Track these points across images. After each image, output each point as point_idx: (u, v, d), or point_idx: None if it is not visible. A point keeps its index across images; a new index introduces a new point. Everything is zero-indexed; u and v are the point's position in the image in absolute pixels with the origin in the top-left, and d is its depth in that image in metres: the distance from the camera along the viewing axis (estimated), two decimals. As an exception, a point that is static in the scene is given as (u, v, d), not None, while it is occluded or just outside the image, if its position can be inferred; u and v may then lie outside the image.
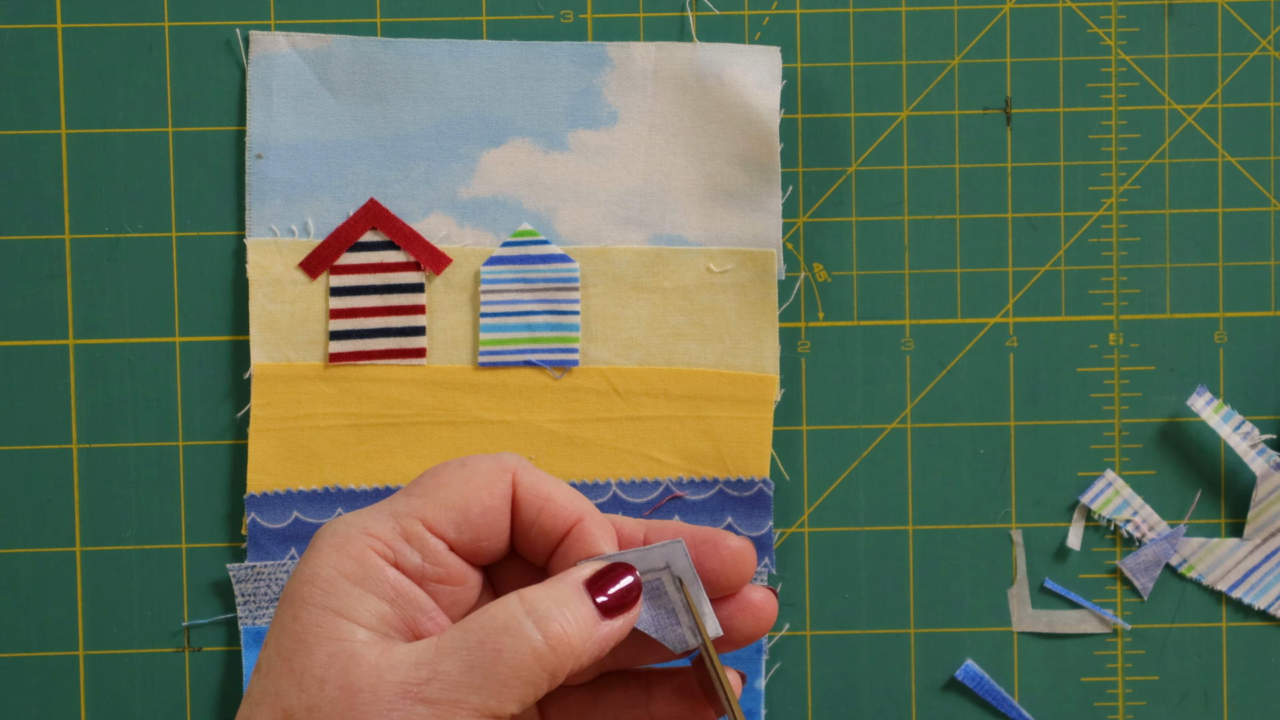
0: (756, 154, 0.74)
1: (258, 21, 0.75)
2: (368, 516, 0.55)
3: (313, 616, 0.53)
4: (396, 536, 0.54)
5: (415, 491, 0.56)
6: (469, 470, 0.56)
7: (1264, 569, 0.75)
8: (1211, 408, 0.74)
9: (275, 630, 0.53)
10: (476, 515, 0.56)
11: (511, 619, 0.52)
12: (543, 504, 0.56)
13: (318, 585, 0.53)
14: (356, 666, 0.52)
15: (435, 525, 0.55)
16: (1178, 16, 0.75)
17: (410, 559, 0.55)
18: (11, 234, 0.75)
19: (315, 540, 0.55)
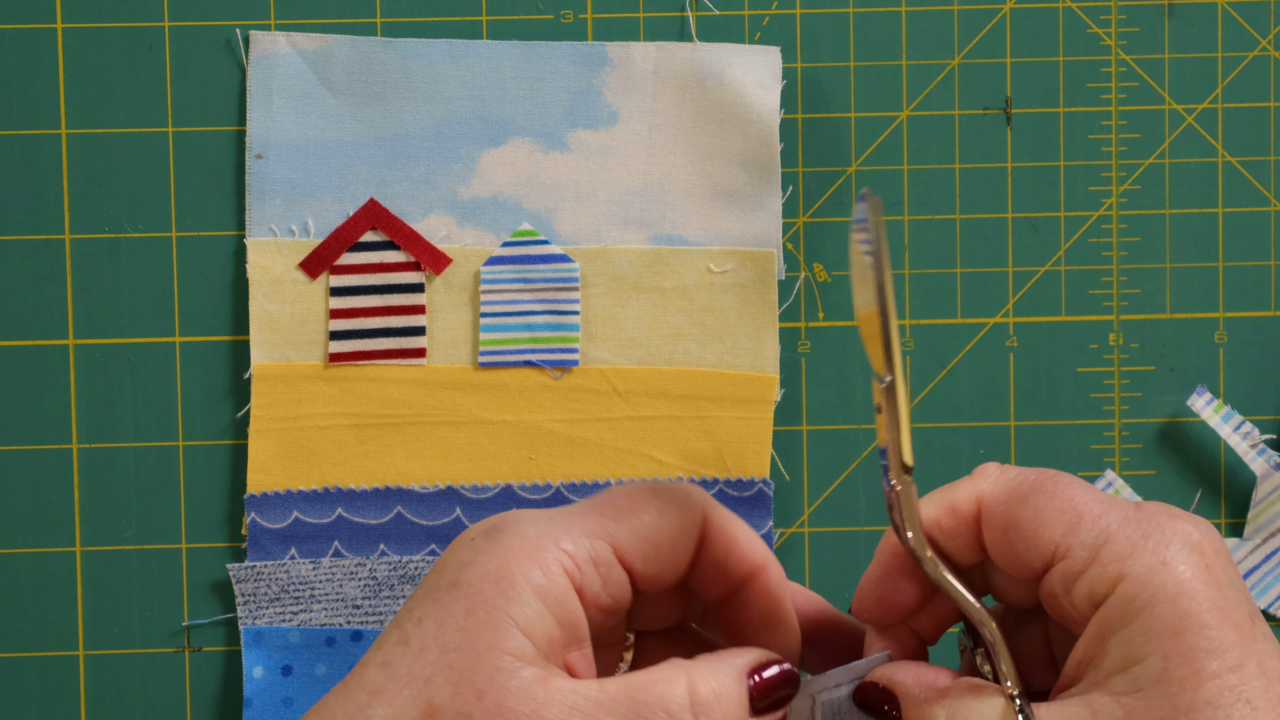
0: (756, 154, 0.74)
1: (258, 21, 0.75)
2: (559, 527, 0.52)
3: (491, 619, 0.50)
4: (587, 559, 0.51)
5: (608, 513, 0.52)
6: (664, 501, 0.53)
7: (1264, 569, 0.75)
8: (1211, 408, 0.74)
9: (437, 612, 0.50)
10: (666, 550, 0.53)
11: (675, 704, 0.50)
12: (730, 546, 0.54)
13: (504, 589, 0.50)
14: (518, 691, 0.49)
15: (625, 554, 0.52)
16: (1178, 16, 0.75)
17: (592, 585, 0.52)
18: (11, 234, 0.75)
19: (499, 534, 0.51)
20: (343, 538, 0.74)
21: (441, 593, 0.51)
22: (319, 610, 0.74)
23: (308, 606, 0.74)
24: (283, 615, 0.74)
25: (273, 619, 0.74)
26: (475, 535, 0.52)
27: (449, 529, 0.74)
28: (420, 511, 0.74)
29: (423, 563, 0.74)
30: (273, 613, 0.74)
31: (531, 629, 0.50)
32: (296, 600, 0.74)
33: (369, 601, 0.74)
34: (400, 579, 0.74)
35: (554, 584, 0.51)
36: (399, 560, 0.74)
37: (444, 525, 0.74)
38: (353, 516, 0.74)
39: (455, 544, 0.52)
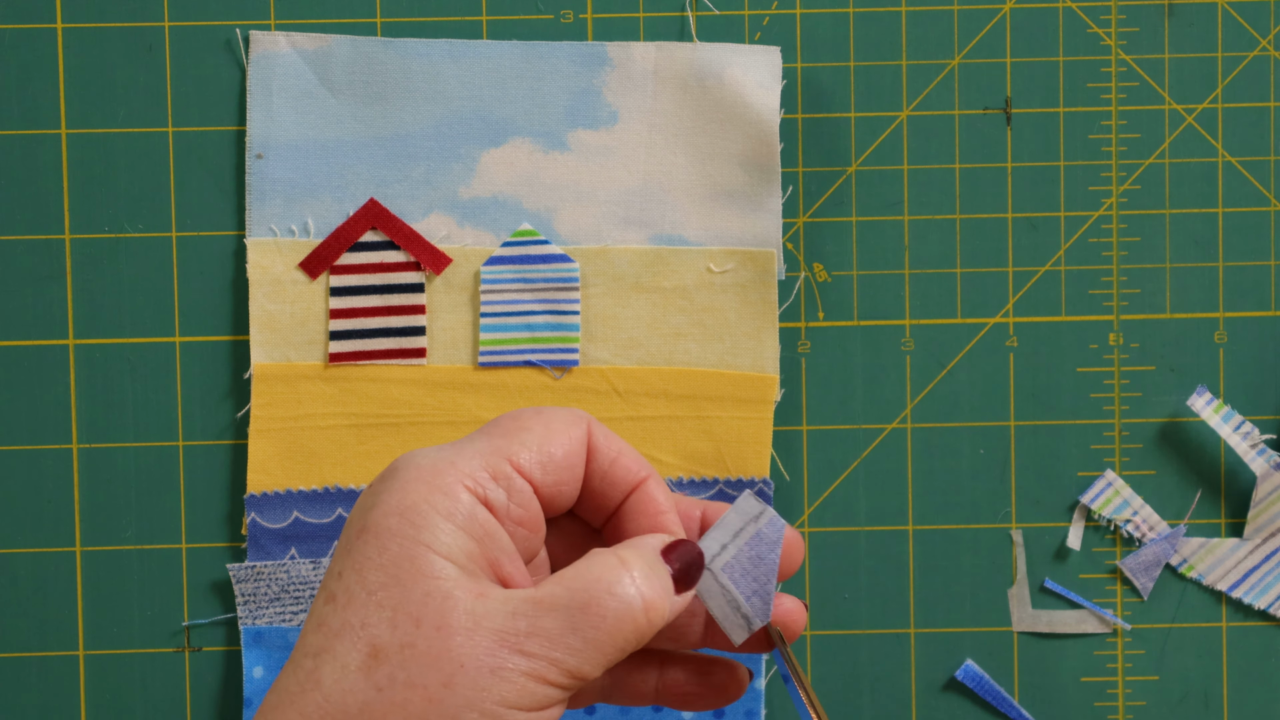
0: (756, 154, 0.74)
1: (258, 21, 0.75)
2: (453, 451, 0.53)
3: (404, 549, 0.51)
4: (485, 475, 0.53)
5: (496, 432, 0.54)
6: (548, 416, 0.55)
7: (1264, 569, 0.75)
8: (1211, 408, 0.74)
9: (354, 560, 0.51)
10: (560, 459, 0.54)
11: (615, 581, 0.51)
12: (615, 457, 0.56)
13: (408, 518, 0.51)
14: (454, 608, 0.50)
15: (522, 466, 0.53)
16: (1178, 16, 0.75)
17: (497, 498, 0.53)
18: (11, 234, 0.75)
19: (395, 472, 0.52)
20: (343, 538, 0.74)
21: (353, 541, 0.52)
22: (319, 610, 0.74)
23: (308, 606, 0.74)
24: (283, 615, 0.74)
25: (273, 619, 0.74)
26: (375, 482, 0.53)
27: (449, 529, 0.74)
28: (420, 511, 0.74)
29: (423, 563, 0.74)
30: (273, 613, 0.74)
31: (449, 550, 0.51)
32: (296, 600, 0.74)
33: (369, 601, 0.74)
34: (400, 579, 0.74)
35: (458, 504, 0.52)
36: (399, 560, 0.74)
37: (444, 525, 0.74)
38: (353, 516, 0.74)
39: (360, 497, 0.53)
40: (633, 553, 0.53)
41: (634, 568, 0.52)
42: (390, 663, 0.50)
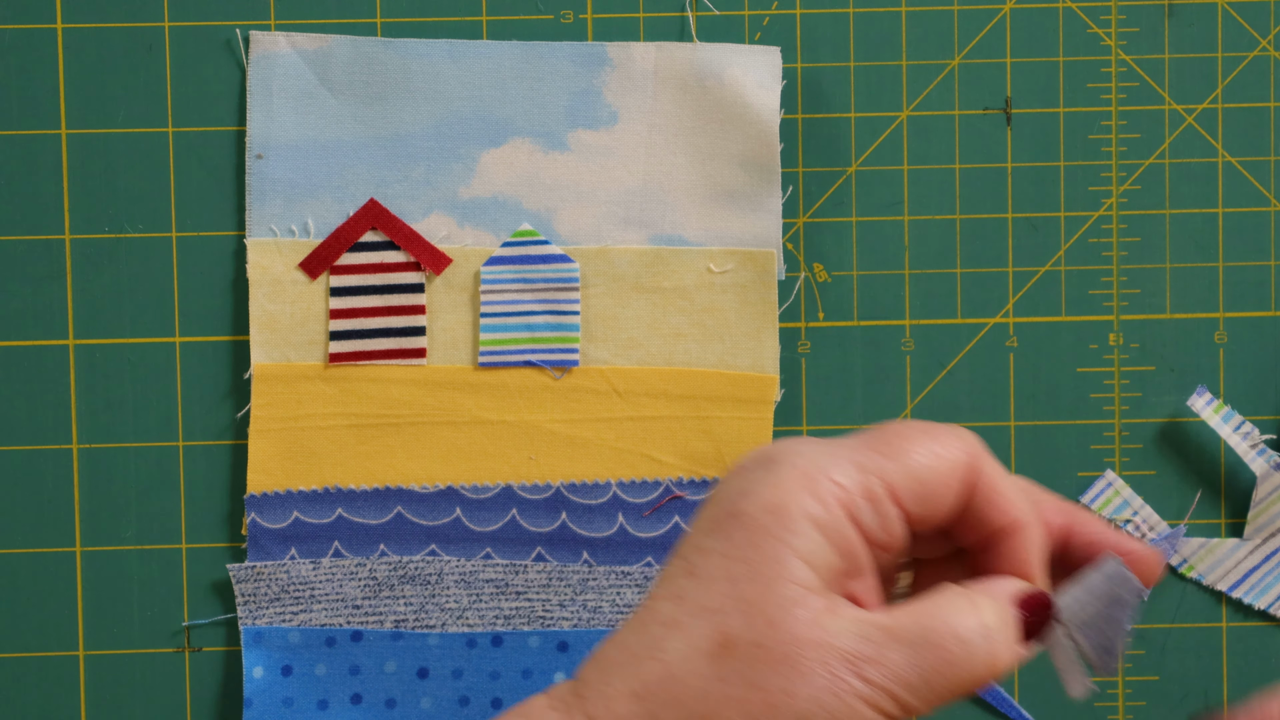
0: (756, 154, 0.74)
1: (258, 21, 0.75)
2: (828, 457, 0.52)
3: (774, 550, 0.50)
4: (860, 492, 0.51)
5: (879, 448, 0.52)
6: (937, 441, 0.53)
7: (1264, 569, 0.75)
8: (1211, 408, 0.74)
9: (721, 544, 0.50)
10: (937, 491, 0.53)
11: (967, 628, 0.51)
12: (995, 496, 0.54)
13: (783, 520, 0.50)
14: (810, 618, 0.49)
15: (898, 492, 0.52)
16: (1178, 16, 0.75)
17: (867, 519, 0.51)
18: (11, 234, 0.75)
19: (773, 464, 0.51)
20: (343, 538, 0.74)
21: (723, 522, 0.51)
22: (319, 610, 0.74)
23: (308, 606, 0.74)
24: (283, 615, 0.74)
25: (273, 619, 0.74)
26: (749, 465, 0.52)
27: (449, 529, 0.74)
28: (420, 511, 0.74)
29: (423, 562, 0.74)
30: (273, 613, 0.74)
31: (813, 559, 0.50)
32: (296, 600, 0.74)
33: (369, 601, 0.74)
34: (400, 579, 0.74)
35: (830, 514, 0.51)
36: (399, 560, 0.74)
37: (444, 525, 0.74)
38: (353, 516, 0.74)
39: (731, 473, 0.52)
40: (988, 601, 0.52)
41: (987, 616, 0.51)
42: (738, 657, 0.49)
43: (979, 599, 0.52)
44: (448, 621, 0.74)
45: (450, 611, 0.74)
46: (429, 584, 0.74)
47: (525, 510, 0.74)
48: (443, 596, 0.74)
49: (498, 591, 0.74)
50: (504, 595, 0.74)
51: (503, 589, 0.74)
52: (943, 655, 0.50)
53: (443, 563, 0.74)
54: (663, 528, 0.74)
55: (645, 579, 0.74)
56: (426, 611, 0.74)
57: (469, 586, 0.74)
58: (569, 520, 0.74)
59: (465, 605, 0.74)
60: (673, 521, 0.74)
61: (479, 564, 0.74)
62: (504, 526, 0.74)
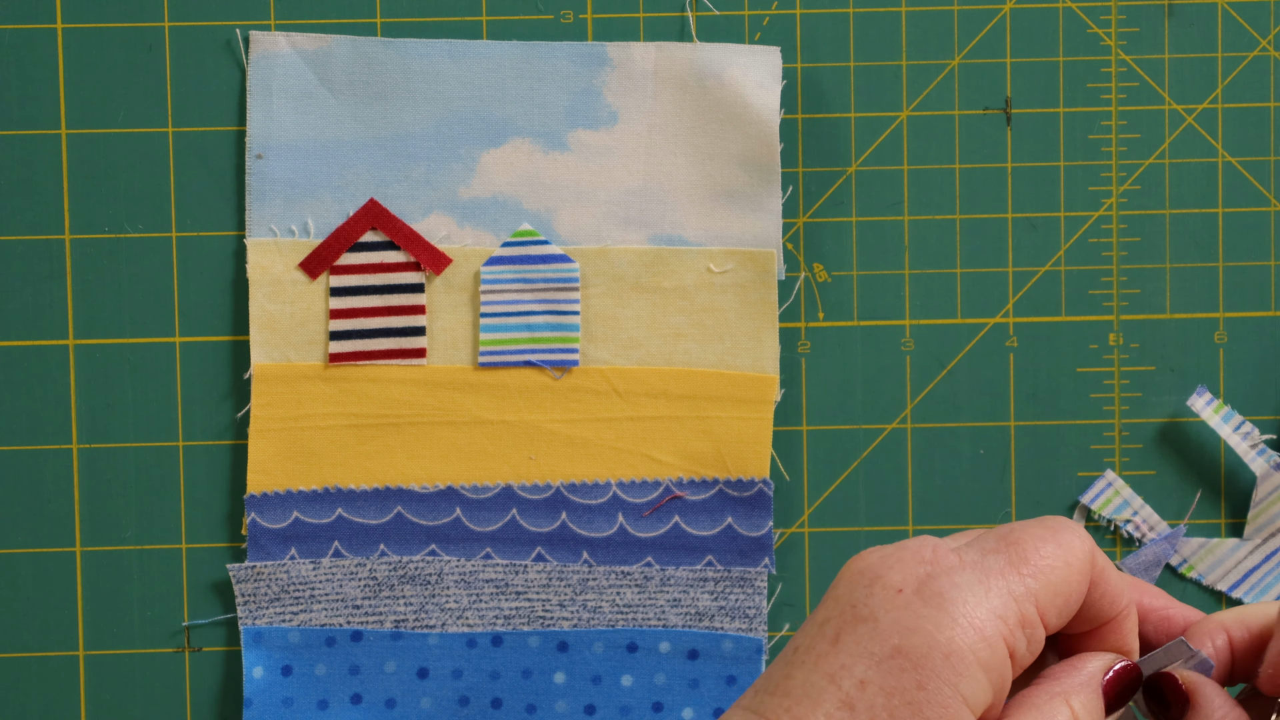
0: (756, 154, 0.74)
1: (258, 21, 0.75)
2: (987, 589, 0.52)
3: (942, 696, 0.50)
4: (1018, 623, 0.52)
5: (1023, 568, 0.53)
6: (1067, 549, 0.53)
7: (1264, 569, 0.75)
8: (1211, 408, 0.74)
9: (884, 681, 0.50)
10: (1074, 602, 0.54)
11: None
12: (1110, 590, 0.55)
13: (953, 664, 0.50)
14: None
15: (1045, 612, 0.53)
16: (1178, 16, 0.75)
17: (1020, 647, 0.52)
18: (11, 234, 0.75)
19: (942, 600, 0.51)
20: (343, 538, 0.74)
21: (885, 658, 0.51)
22: (319, 610, 0.74)
23: (308, 606, 0.74)
24: (283, 615, 0.74)
25: (273, 619, 0.74)
26: (904, 589, 0.52)
27: (449, 529, 0.74)
28: (420, 511, 0.74)
29: (423, 562, 0.74)
30: (273, 613, 0.74)
31: (975, 701, 0.51)
32: (296, 600, 0.74)
33: (369, 601, 0.74)
34: (400, 579, 0.74)
35: (995, 655, 0.51)
36: (399, 560, 0.74)
37: (444, 525, 0.74)
38: (353, 516, 0.74)
39: (874, 589, 0.52)
40: (1077, 690, 0.54)
41: (1075, 705, 0.53)
42: None
43: (1069, 691, 0.53)
44: (448, 621, 0.74)
45: (450, 611, 0.74)
46: (429, 584, 0.74)
47: (525, 510, 0.74)
48: (443, 596, 0.74)
49: (498, 591, 0.74)
50: (504, 595, 0.74)
51: (503, 589, 0.74)
52: None
53: (443, 563, 0.74)
54: (662, 528, 0.74)
55: (644, 579, 0.74)
56: (426, 611, 0.74)
57: (469, 586, 0.74)
58: (569, 520, 0.74)
59: (465, 605, 0.74)
60: (672, 521, 0.74)
61: (479, 564, 0.74)
62: (504, 526, 0.74)
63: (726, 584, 0.74)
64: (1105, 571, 0.54)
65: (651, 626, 0.74)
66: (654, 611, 0.74)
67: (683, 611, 0.74)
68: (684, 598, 0.74)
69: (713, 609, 0.74)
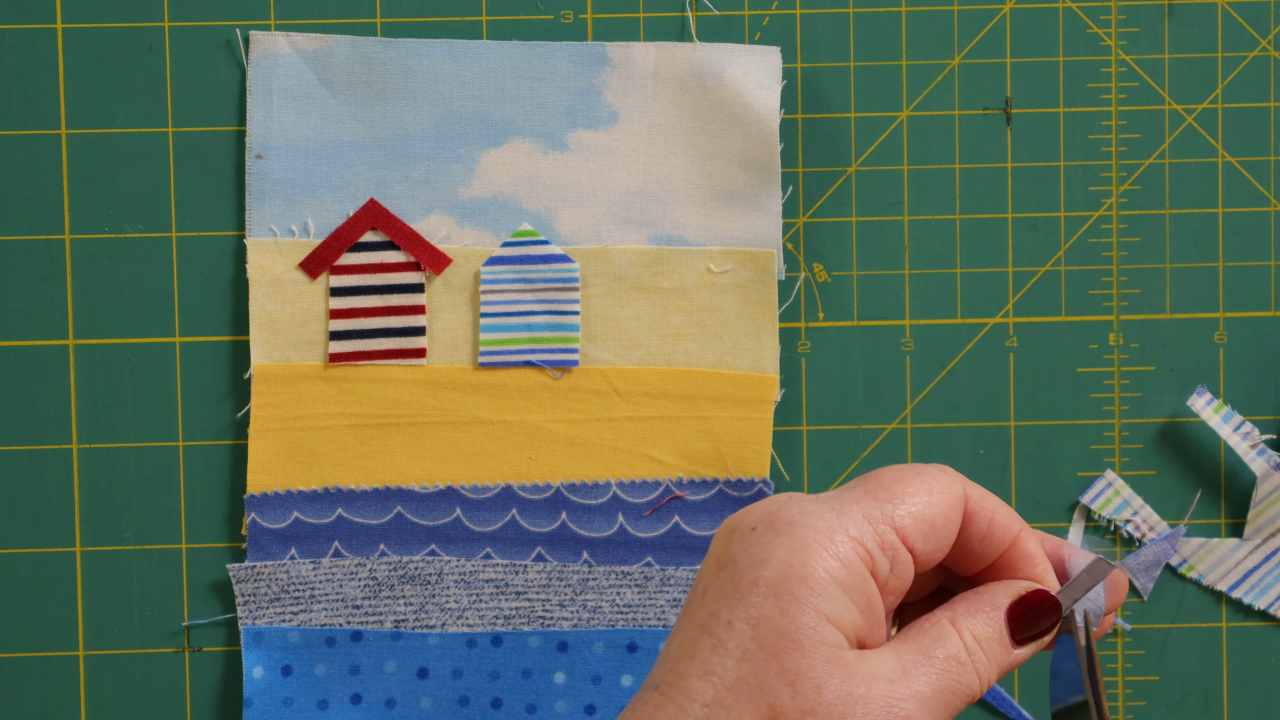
0: (756, 154, 0.74)
1: (258, 21, 0.75)
2: (839, 513, 0.53)
3: (805, 617, 0.51)
4: (875, 543, 0.53)
5: (880, 495, 0.54)
6: (929, 480, 0.54)
7: (1264, 569, 0.75)
8: (1211, 408, 0.74)
9: (749, 614, 0.51)
10: (941, 527, 0.54)
11: (962, 655, 0.53)
12: (991, 518, 0.55)
13: (810, 585, 0.51)
14: (850, 675, 0.51)
15: (907, 535, 0.53)
16: (1178, 16, 0.75)
17: (883, 569, 0.53)
18: (11, 234, 0.75)
19: (790, 526, 0.52)
20: (343, 538, 0.74)
21: (744, 593, 0.51)
22: (319, 610, 0.74)
23: (308, 606, 0.74)
24: (283, 615, 0.74)
25: (273, 619, 0.74)
26: (757, 526, 0.53)
27: (449, 529, 0.74)
28: (420, 511, 0.74)
29: (423, 562, 0.74)
30: (273, 613, 0.74)
31: (840, 620, 0.51)
32: (296, 600, 0.74)
33: (369, 601, 0.74)
34: (400, 579, 0.74)
35: (853, 574, 0.52)
36: (399, 560, 0.74)
37: (444, 525, 0.74)
38: (353, 516, 0.74)
39: (732, 537, 0.53)
40: (977, 623, 0.54)
41: (978, 639, 0.54)
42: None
43: (966, 623, 0.54)
44: (448, 621, 0.74)
45: (450, 611, 0.74)
46: (429, 584, 0.74)
47: (525, 510, 0.74)
48: (443, 596, 0.74)
49: (498, 591, 0.74)
50: (504, 595, 0.74)
51: (503, 589, 0.74)
52: (954, 681, 0.53)
53: (443, 563, 0.74)
54: (662, 528, 0.74)
55: (644, 579, 0.74)
56: (426, 611, 0.74)
57: (469, 586, 0.74)
58: (569, 520, 0.74)
59: (465, 605, 0.74)
60: (672, 521, 0.74)
61: (479, 564, 0.74)
62: (504, 526, 0.74)
63: (726, 584, 0.74)
64: (984, 502, 0.55)
65: (651, 626, 0.74)
66: (654, 611, 0.74)
67: (683, 611, 0.74)
68: (684, 598, 0.74)
69: (713, 609, 0.74)
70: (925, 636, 0.53)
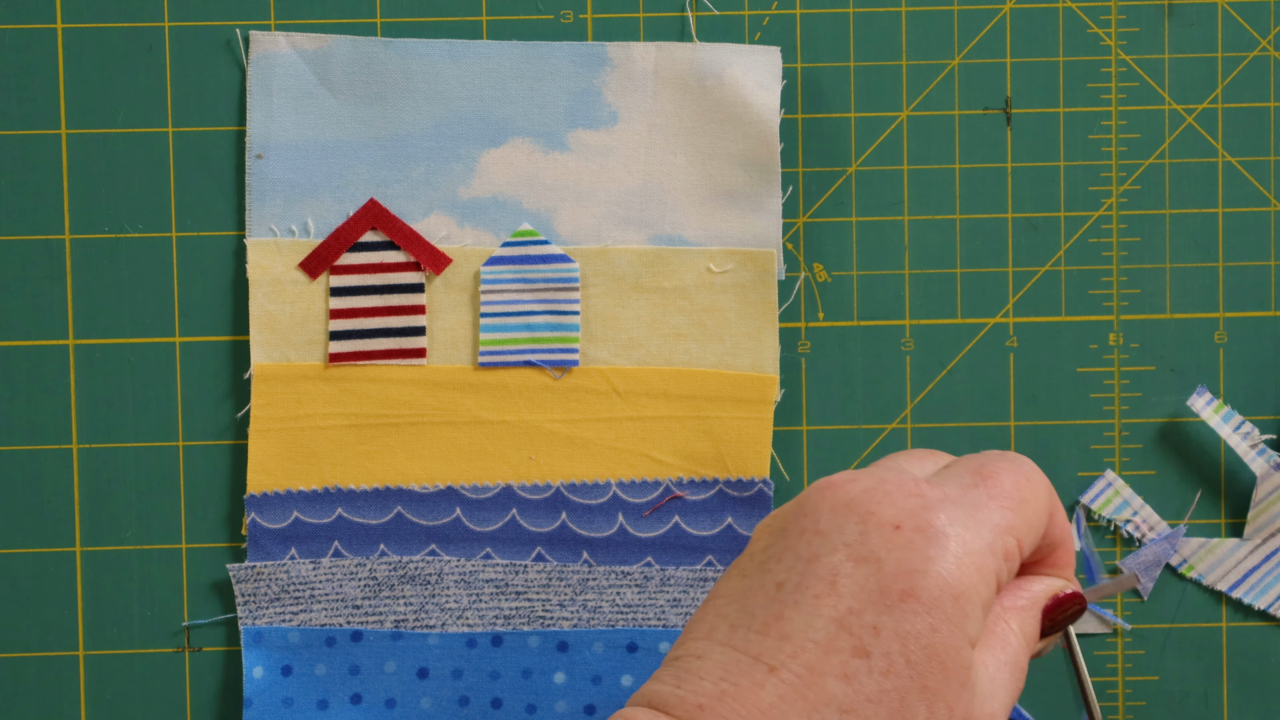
0: (756, 154, 0.74)
1: (258, 21, 0.75)
2: (980, 525, 0.52)
3: (954, 639, 0.50)
4: (1004, 556, 0.53)
5: (1008, 505, 0.53)
6: (1035, 484, 0.55)
7: (1264, 569, 0.75)
8: (1211, 408, 0.74)
9: (897, 625, 0.50)
10: (1040, 533, 0.55)
11: (1020, 658, 0.54)
12: (1058, 517, 0.56)
13: (962, 606, 0.50)
14: (974, 696, 0.51)
15: (1024, 545, 0.54)
16: (1178, 16, 0.75)
17: (1005, 581, 0.53)
18: (11, 234, 0.75)
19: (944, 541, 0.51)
20: (343, 538, 0.74)
21: (895, 601, 0.50)
22: (319, 610, 0.74)
23: (308, 606, 0.74)
24: (283, 615, 0.74)
25: (273, 619, 0.74)
26: (902, 525, 0.51)
27: (449, 529, 0.74)
28: (420, 512, 0.74)
29: (423, 562, 0.74)
30: (273, 613, 0.74)
31: (975, 637, 0.51)
32: (296, 600, 0.74)
33: (369, 601, 0.74)
34: (400, 579, 0.74)
35: (989, 591, 0.52)
36: (399, 560, 0.74)
37: (444, 525, 0.74)
38: (353, 516, 0.74)
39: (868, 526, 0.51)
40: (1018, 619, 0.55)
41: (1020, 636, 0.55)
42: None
43: (1011, 617, 0.55)
44: (448, 621, 0.74)
45: (450, 611, 0.74)
46: (429, 584, 0.74)
47: (525, 510, 0.74)
48: (443, 596, 0.74)
49: (498, 591, 0.74)
50: (504, 595, 0.74)
51: (503, 589, 0.74)
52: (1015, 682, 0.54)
53: (443, 563, 0.74)
54: (662, 528, 0.74)
55: (645, 579, 0.74)
56: (426, 611, 0.74)
57: (469, 586, 0.74)
58: (569, 520, 0.74)
59: (465, 605, 0.74)
60: (672, 521, 0.74)
61: (479, 564, 0.74)
62: (504, 526, 0.74)
63: (726, 584, 0.74)
64: (1058, 506, 0.56)
65: (651, 627, 0.74)
66: (654, 611, 0.74)
67: (683, 612, 0.74)
68: (684, 598, 0.74)
69: (713, 609, 0.74)
70: (995, 638, 0.53)
